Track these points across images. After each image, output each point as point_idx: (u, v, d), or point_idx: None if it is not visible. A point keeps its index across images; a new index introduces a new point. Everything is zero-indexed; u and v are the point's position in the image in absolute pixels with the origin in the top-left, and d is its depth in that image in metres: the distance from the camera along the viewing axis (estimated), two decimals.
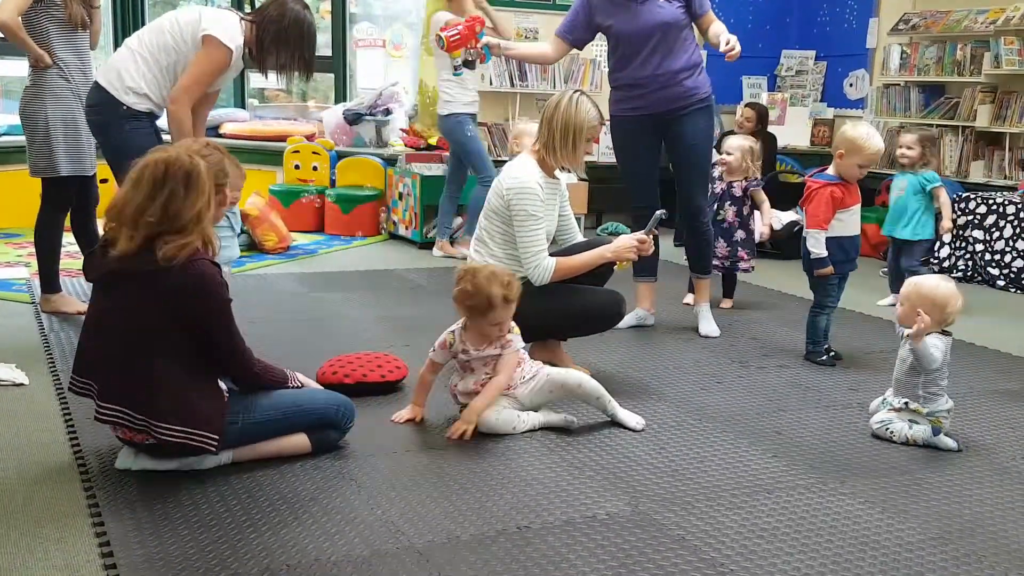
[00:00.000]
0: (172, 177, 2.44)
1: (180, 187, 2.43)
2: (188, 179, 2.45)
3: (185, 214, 2.44)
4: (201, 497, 2.47)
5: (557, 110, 3.53)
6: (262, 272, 5.63)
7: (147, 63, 3.88)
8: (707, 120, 4.29)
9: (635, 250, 3.54)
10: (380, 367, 3.41)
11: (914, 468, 2.89)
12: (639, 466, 2.81)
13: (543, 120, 3.58)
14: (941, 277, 3.15)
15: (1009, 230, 5.81)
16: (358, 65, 8.34)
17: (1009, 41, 6.41)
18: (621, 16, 4.14)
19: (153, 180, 2.44)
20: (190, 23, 3.86)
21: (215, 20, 3.85)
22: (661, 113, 4.18)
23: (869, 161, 3.83)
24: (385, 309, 4.73)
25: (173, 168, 2.45)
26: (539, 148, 3.57)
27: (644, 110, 4.20)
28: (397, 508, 2.46)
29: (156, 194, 2.43)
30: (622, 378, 3.70)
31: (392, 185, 6.96)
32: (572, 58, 7.70)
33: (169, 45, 3.86)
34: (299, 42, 3.93)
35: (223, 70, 3.89)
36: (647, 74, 4.13)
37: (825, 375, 3.84)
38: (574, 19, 4.30)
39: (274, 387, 2.73)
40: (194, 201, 2.45)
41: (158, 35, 3.89)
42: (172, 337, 2.49)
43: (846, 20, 7.98)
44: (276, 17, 3.90)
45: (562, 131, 3.51)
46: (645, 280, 4.47)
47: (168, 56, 3.86)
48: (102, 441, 2.78)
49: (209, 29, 3.80)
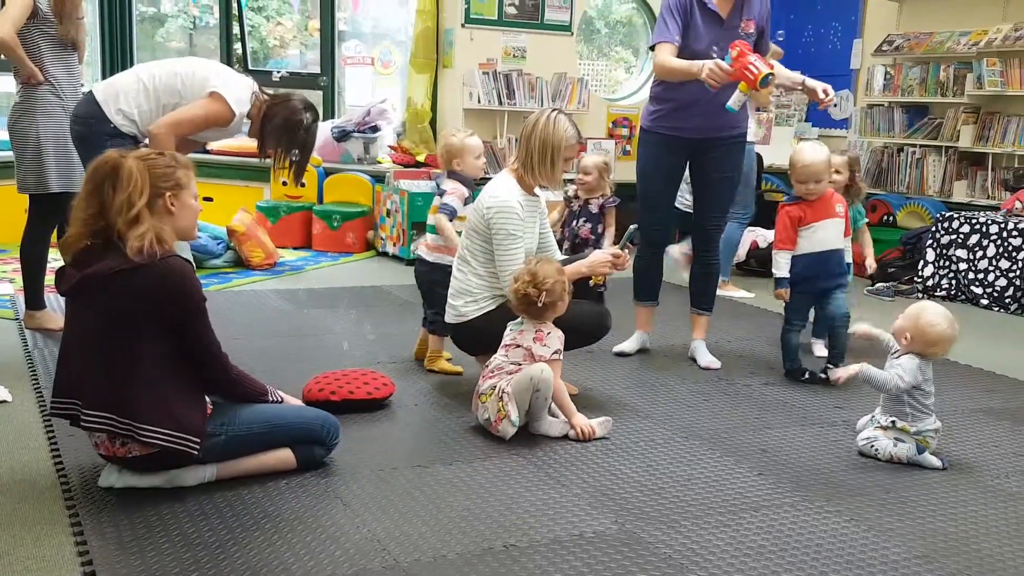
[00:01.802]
0: (99, 173, 2.50)
1: (106, 182, 2.48)
2: (114, 173, 2.48)
3: (113, 207, 2.46)
4: (184, 514, 2.46)
5: (535, 129, 3.54)
6: (249, 288, 5.61)
7: (148, 97, 3.90)
8: (741, 154, 4.26)
9: (609, 264, 3.55)
10: (367, 384, 3.40)
11: (899, 486, 2.90)
12: (625, 484, 2.81)
13: (522, 138, 3.59)
14: (946, 317, 3.08)
15: (992, 249, 5.85)
16: (346, 82, 8.37)
17: (991, 62, 6.48)
18: (704, 33, 3.99)
19: (87, 179, 2.54)
20: (203, 77, 3.90)
21: (227, 82, 3.90)
22: (700, 139, 4.08)
23: (802, 176, 3.87)
24: (372, 326, 4.72)
25: (100, 164, 2.52)
26: (518, 166, 3.58)
27: (684, 132, 4.07)
28: (383, 526, 2.45)
29: (89, 191, 2.50)
30: (609, 396, 3.70)
31: (380, 202, 6.97)
32: (560, 77, 7.74)
33: (176, 89, 3.90)
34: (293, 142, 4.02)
35: (217, 124, 3.92)
36: (699, 97, 3.95)
37: (810, 392, 3.85)
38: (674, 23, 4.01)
39: (252, 396, 2.72)
40: (122, 192, 2.46)
41: (170, 76, 3.92)
42: (151, 339, 2.48)
43: (830, 41, 8.04)
44: (287, 113, 3.98)
45: (540, 149, 3.51)
46: (647, 304, 4.41)
47: (171, 98, 3.90)
48: (85, 459, 2.76)
49: (219, 88, 3.86)
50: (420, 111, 7.75)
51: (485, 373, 3.25)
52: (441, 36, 7.74)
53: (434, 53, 7.74)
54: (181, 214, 2.59)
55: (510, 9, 7.66)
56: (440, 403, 3.51)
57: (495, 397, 3.12)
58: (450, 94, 7.74)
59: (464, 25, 7.53)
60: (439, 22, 7.72)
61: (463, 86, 7.56)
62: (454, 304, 3.56)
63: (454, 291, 3.57)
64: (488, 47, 7.62)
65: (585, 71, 8.89)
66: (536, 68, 7.71)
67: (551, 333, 3.22)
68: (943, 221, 6.16)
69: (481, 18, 7.58)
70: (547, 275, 3.20)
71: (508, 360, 3.21)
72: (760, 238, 6.67)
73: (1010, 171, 6.55)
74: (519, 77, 7.62)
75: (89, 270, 2.47)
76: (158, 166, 2.56)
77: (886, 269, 6.37)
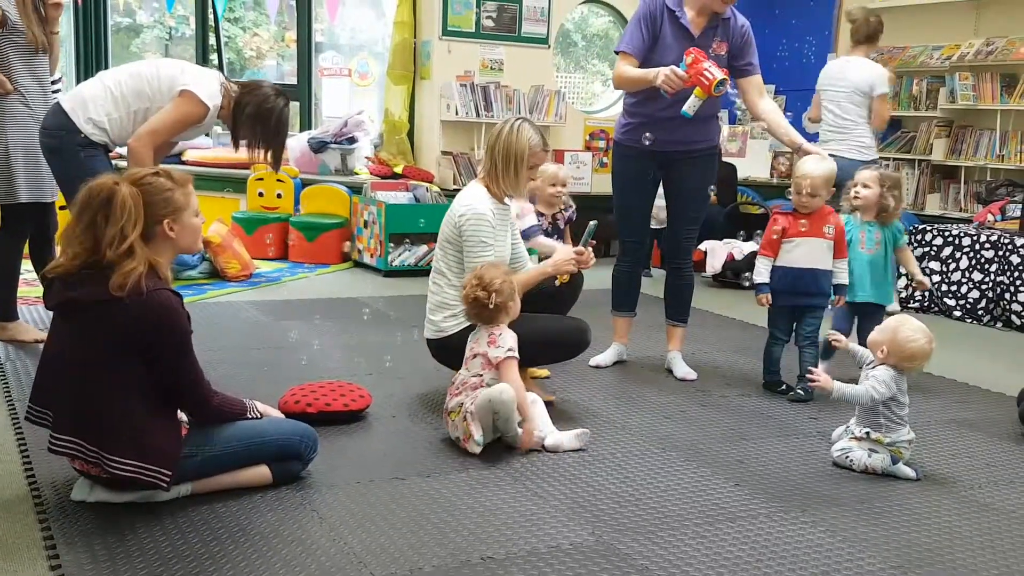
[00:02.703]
0: (91, 204, 2.42)
1: (99, 214, 2.41)
2: (107, 205, 2.41)
3: (104, 239, 2.39)
4: (159, 530, 2.44)
5: (499, 138, 3.54)
6: (224, 300, 5.58)
7: (116, 103, 3.89)
8: (713, 167, 4.29)
9: (573, 263, 3.56)
10: (344, 396, 3.39)
11: (874, 497, 2.92)
12: (603, 495, 2.81)
13: (487, 148, 3.59)
14: (924, 332, 3.10)
15: (965, 261, 5.91)
16: (323, 93, 8.36)
17: (964, 77, 6.57)
18: (673, 47, 3.97)
19: (79, 206, 2.45)
20: (170, 76, 3.89)
21: (196, 77, 3.90)
22: (671, 152, 4.09)
23: (798, 186, 3.86)
24: (349, 337, 4.70)
25: (93, 194, 2.43)
26: (485, 176, 3.59)
27: (656, 145, 4.07)
28: (359, 540, 2.44)
29: (80, 220, 2.43)
30: (585, 407, 3.70)
31: (357, 213, 6.96)
32: (537, 89, 7.77)
33: (144, 92, 3.88)
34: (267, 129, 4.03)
35: (193, 122, 3.92)
36: (673, 114, 3.92)
37: (785, 404, 3.87)
38: (639, 35, 4.02)
39: (234, 420, 2.69)
40: (114, 225, 2.39)
41: (136, 80, 3.91)
42: (129, 369, 2.45)
43: (804, 55, 8.12)
44: (259, 100, 3.99)
45: (504, 159, 3.52)
46: (624, 315, 4.42)
47: (140, 102, 3.89)
48: (58, 473, 2.73)
49: (189, 85, 3.85)
50: (398, 123, 7.76)
51: (451, 390, 3.23)
52: (419, 48, 7.75)
53: (411, 65, 7.75)
54: (182, 235, 2.55)
55: (487, 22, 7.69)
56: (417, 415, 3.51)
57: (460, 416, 3.12)
58: (428, 106, 7.75)
59: (441, 37, 7.55)
60: (416, 34, 7.74)
61: (441, 98, 7.57)
62: (433, 319, 3.55)
63: (432, 305, 3.56)
64: (465, 59, 7.64)
65: (562, 84, 8.92)
66: (513, 80, 7.74)
67: (503, 334, 3.20)
68: (916, 234, 6.22)
69: (459, 30, 7.60)
70: (494, 276, 3.21)
71: (470, 373, 3.20)
72: (736, 250, 6.71)
73: (982, 184, 6.63)
74: (496, 89, 7.65)
75: (75, 293, 2.43)
76: (155, 191, 2.49)
77: None
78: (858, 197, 4.09)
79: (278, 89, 4.11)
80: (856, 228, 4.12)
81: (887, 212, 4.11)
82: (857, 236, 4.11)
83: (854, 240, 4.10)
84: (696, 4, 4.01)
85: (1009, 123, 6.47)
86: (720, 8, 4.00)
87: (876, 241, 4.12)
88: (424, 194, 7.03)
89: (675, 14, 4.00)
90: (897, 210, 4.15)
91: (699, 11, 4.02)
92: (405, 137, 7.82)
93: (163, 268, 2.49)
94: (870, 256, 4.10)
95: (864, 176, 4.13)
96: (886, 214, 4.11)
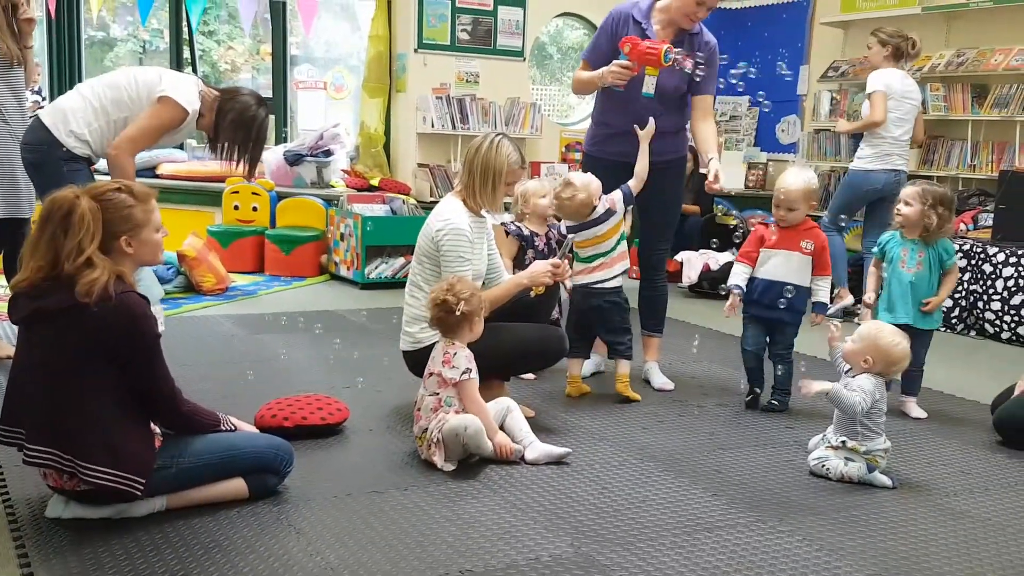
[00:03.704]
0: (52, 217, 2.43)
1: (59, 227, 2.41)
2: (66, 219, 2.41)
3: (63, 252, 2.39)
4: (134, 545, 2.41)
5: (478, 153, 3.55)
6: (200, 314, 5.55)
7: (96, 114, 3.86)
8: (682, 176, 4.33)
9: (550, 274, 3.56)
10: (320, 409, 3.37)
11: (851, 505, 2.93)
12: (581, 506, 2.81)
13: (465, 162, 3.60)
14: (901, 335, 3.16)
15: None
16: (299, 106, 8.35)
17: (935, 87, 6.63)
18: None
19: (41, 219, 2.46)
20: (148, 83, 3.88)
21: (174, 84, 3.88)
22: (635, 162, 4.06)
23: (775, 199, 3.84)
24: (326, 350, 4.68)
25: (55, 206, 2.44)
26: (462, 189, 3.59)
27: (624, 156, 4.06)
28: (337, 554, 2.43)
29: (42, 233, 2.43)
30: (564, 418, 3.70)
31: (333, 226, 6.94)
32: (513, 101, 7.79)
33: (123, 101, 3.87)
34: (248, 138, 4.04)
35: (172, 128, 3.91)
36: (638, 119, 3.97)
37: (762, 414, 3.89)
38: (598, 46, 4.13)
39: (205, 430, 2.67)
40: (72, 238, 2.39)
41: (113, 90, 3.89)
42: (100, 375, 2.43)
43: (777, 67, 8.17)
44: (240, 108, 3.99)
45: (482, 173, 3.53)
46: None
47: (120, 111, 3.87)
48: (32, 490, 2.70)
49: (167, 91, 3.84)
50: (374, 135, 7.75)
51: (415, 412, 3.21)
52: (394, 61, 7.75)
53: (387, 78, 7.76)
54: (141, 251, 2.53)
55: (463, 35, 7.71)
56: (395, 428, 3.49)
57: (426, 444, 3.10)
58: (403, 118, 7.76)
59: (417, 50, 7.56)
60: (392, 47, 7.74)
61: (416, 110, 7.58)
62: (409, 331, 3.55)
63: (408, 318, 3.56)
64: (441, 72, 7.66)
65: (538, 96, 8.95)
66: (489, 93, 7.76)
67: (458, 353, 3.14)
68: None
69: (434, 43, 7.62)
70: (466, 287, 3.19)
71: (427, 392, 3.16)
72: (712, 260, 6.74)
73: (955, 194, 6.69)
74: (472, 102, 7.66)
75: (42, 302, 2.41)
76: (113, 207, 2.47)
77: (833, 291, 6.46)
78: (899, 214, 3.92)
79: (258, 97, 4.10)
80: (898, 246, 3.95)
81: (930, 231, 3.87)
82: (899, 254, 3.94)
83: (895, 258, 3.94)
84: (664, 18, 4.05)
85: (980, 133, 6.54)
86: (687, 25, 4.03)
87: (918, 261, 3.89)
88: (401, 206, 7.03)
89: (641, 26, 4.03)
90: (942, 229, 3.89)
91: (665, 25, 4.05)
92: (381, 150, 7.81)
93: (128, 276, 2.49)
94: (911, 276, 3.89)
95: (906, 193, 3.93)
96: (929, 233, 3.87)
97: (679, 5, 3.99)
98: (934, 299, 3.89)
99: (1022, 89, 6.24)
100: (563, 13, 8.40)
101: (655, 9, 4.08)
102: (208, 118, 4.00)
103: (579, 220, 3.89)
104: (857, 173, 5.97)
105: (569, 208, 3.87)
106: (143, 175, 7.05)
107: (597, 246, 3.89)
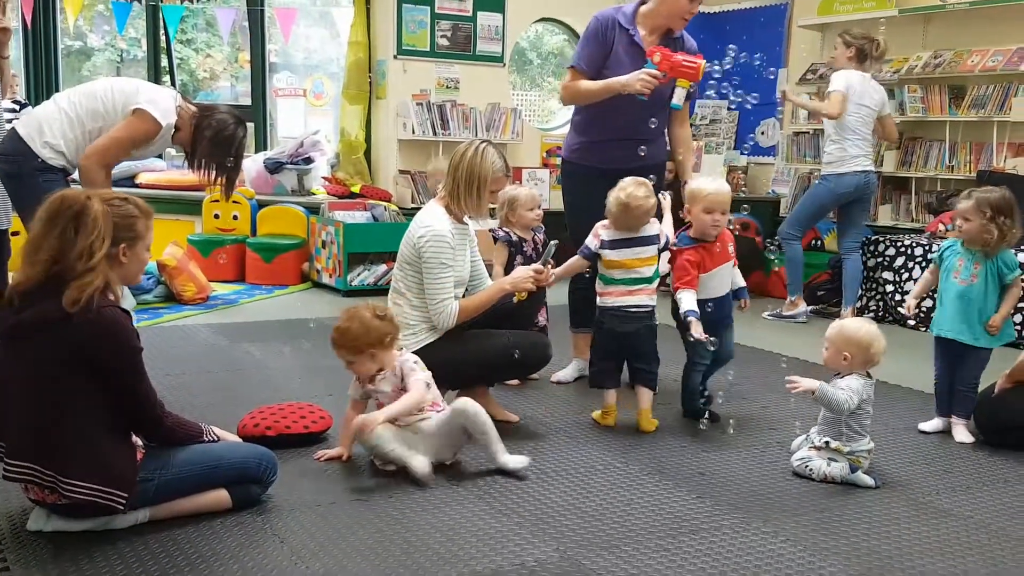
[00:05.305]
0: (64, 213, 2.41)
1: (70, 224, 2.40)
2: (78, 217, 2.40)
3: (73, 251, 2.38)
4: (116, 558, 2.39)
5: (463, 160, 3.55)
6: (180, 323, 5.52)
7: (72, 124, 3.83)
8: (661, 180, 4.28)
9: (532, 280, 3.56)
10: (303, 418, 3.36)
11: (834, 506, 2.94)
12: (566, 510, 2.81)
13: (450, 168, 3.60)
14: (864, 320, 3.24)
15: (917, 271, 6.01)
16: (278, 114, 8.33)
17: (913, 89, 6.68)
18: (626, 64, 4.00)
19: (48, 215, 2.43)
20: (124, 93, 3.84)
21: (151, 98, 3.85)
22: (620, 169, 3.95)
23: (711, 205, 3.57)
24: (308, 359, 4.67)
25: (66, 204, 2.43)
26: (445, 196, 3.60)
27: (605, 163, 4.07)
28: (321, 563, 2.42)
29: (50, 229, 2.41)
30: (547, 423, 3.70)
31: (315, 233, 6.92)
32: (494, 107, 7.79)
33: (99, 112, 3.83)
34: (226, 156, 4.00)
35: (146, 141, 3.88)
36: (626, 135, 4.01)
37: (745, 415, 3.90)
38: (588, 51, 4.10)
39: (188, 441, 2.65)
40: (84, 238, 2.39)
41: (90, 100, 3.86)
42: (82, 389, 2.41)
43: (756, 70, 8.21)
44: (217, 127, 3.95)
45: (467, 180, 3.53)
46: (583, 331, 4.37)
47: (95, 122, 3.84)
48: (13, 503, 2.68)
49: (142, 104, 3.81)
50: (354, 142, 7.74)
51: None
52: (374, 67, 7.75)
53: (367, 84, 7.75)
54: (131, 263, 2.53)
55: (442, 40, 7.71)
56: None
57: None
58: (384, 125, 7.75)
59: (396, 56, 7.55)
60: (371, 54, 7.73)
61: (397, 117, 7.57)
62: None
63: None
64: (421, 78, 7.65)
65: (518, 101, 8.96)
66: (469, 99, 7.76)
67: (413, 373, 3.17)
68: (869, 244, 6.31)
69: (414, 49, 7.61)
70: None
71: None
72: None
73: (933, 194, 6.74)
74: (453, 108, 7.66)
75: (23, 316, 2.39)
76: (122, 214, 2.49)
77: (815, 292, 6.50)
78: (960, 231, 3.67)
79: (236, 115, 4.07)
80: (955, 255, 3.72)
81: (990, 244, 3.62)
82: (954, 264, 3.70)
83: (949, 268, 3.71)
84: (650, 23, 4.06)
85: (958, 134, 6.59)
86: (680, 26, 4.05)
87: (973, 272, 3.64)
88: (382, 213, 7.02)
89: (628, 31, 4.04)
90: (1004, 240, 3.61)
91: (652, 29, 4.06)
92: (362, 156, 7.80)
93: (115, 287, 2.47)
94: (963, 288, 3.65)
95: (962, 208, 3.64)
96: (990, 246, 3.62)
97: (669, 9, 4.01)
98: (996, 317, 3.62)
99: (999, 90, 6.30)
100: (542, 18, 8.42)
101: (639, 14, 4.11)
102: (185, 133, 3.98)
103: (633, 230, 3.62)
104: (828, 179, 6.03)
105: (637, 212, 3.57)
106: (123, 184, 7.02)
107: (640, 269, 3.61)
